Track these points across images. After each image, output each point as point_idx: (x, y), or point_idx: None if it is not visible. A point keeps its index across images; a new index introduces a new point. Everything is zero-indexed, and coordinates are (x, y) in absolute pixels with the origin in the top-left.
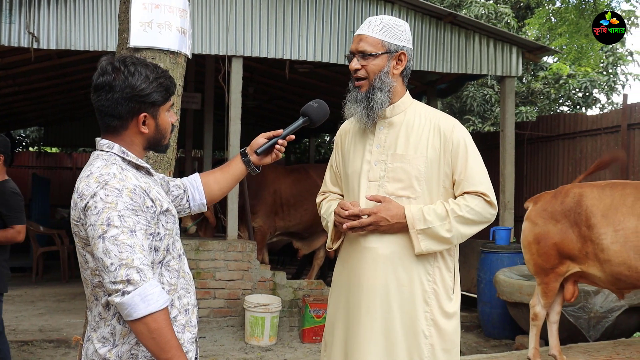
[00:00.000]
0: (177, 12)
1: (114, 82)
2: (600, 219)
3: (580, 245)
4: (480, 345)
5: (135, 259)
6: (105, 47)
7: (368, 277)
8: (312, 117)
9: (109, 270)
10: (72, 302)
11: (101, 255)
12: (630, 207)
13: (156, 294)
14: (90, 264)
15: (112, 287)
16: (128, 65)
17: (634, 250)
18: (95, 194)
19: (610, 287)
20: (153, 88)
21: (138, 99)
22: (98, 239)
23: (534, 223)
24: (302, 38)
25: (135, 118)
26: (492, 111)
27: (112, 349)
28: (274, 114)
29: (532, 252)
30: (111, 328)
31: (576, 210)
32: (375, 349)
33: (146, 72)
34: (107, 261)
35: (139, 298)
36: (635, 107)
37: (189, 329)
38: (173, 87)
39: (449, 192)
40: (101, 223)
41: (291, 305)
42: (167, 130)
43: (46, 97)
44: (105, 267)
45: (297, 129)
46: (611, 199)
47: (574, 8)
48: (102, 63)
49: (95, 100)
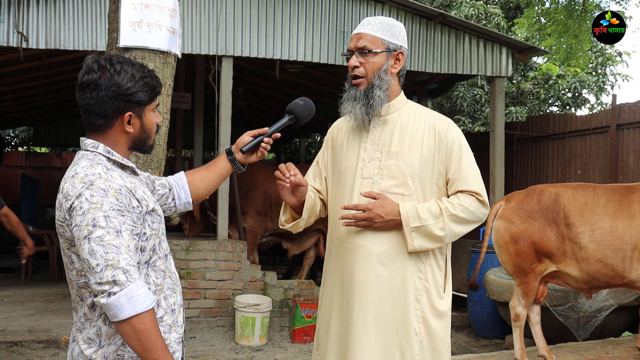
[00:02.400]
0: (167, 11)
1: (99, 81)
2: (578, 217)
3: (559, 244)
4: (470, 344)
5: (121, 259)
6: (94, 46)
7: (360, 275)
8: (297, 115)
9: (95, 271)
10: (62, 303)
11: (87, 256)
12: (603, 207)
13: (142, 295)
14: (76, 264)
15: (98, 288)
16: (114, 64)
17: (610, 249)
18: (81, 194)
19: (584, 286)
20: (139, 87)
21: (123, 97)
22: (84, 240)
23: (510, 222)
24: (292, 38)
25: (120, 117)
26: (482, 111)
27: (98, 349)
28: (264, 114)
29: (510, 252)
30: (97, 329)
31: (554, 209)
32: (369, 346)
33: (132, 71)
34: (93, 262)
35: (125, 299)
36: (624, 108)
37: (175, 329)
38: (159, 86)
39: (442, 190)
40: (87, 224)
41: (281, 305)
42: (152, 131)
43: (35, 97)
44: (91, 268)
45: (282, 127)
46: (585, 198)
47: (563, 9)
48: (88, 61)
49: (80, 99)
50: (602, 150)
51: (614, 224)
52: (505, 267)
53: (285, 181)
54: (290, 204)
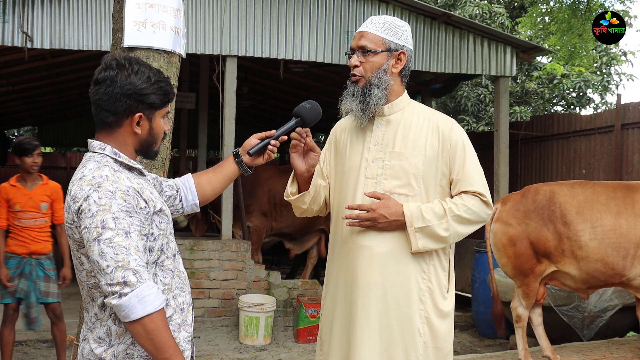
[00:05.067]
0: (171, 11)
1: (116, 78)
2: (576, 215)
3: (557, 243)
4: (474, 344)
5: (131, 260)
6: (99, 46)
7: (364, 275)
8: (304, 118)
9: (105, 272)
10: (67, 302)
11: (97, 257)
12: (604, 205)
13: (153, 295)
14: (86, 265)
15: (109, 290)
16: (133, 64)
17: (611, 247)
18: (89, 196)
19: (582, 286)
20: (153, 90)
21: (136, 97)
22: (93, 242)
23: (507, 224)
24: (296, 38)
25: (130, 117)
26: (486, 111)
27: (108, 348)
28: (268, 113)
29: (509, 255)
30: (107, 328)
31: (550, 208)
32: (373, 347)
33: (149, 73)
34: (103, 264)
35: (136, 300)
36: (628, 107)
37: (184, 327)
38: (172, 94)
39: (445, 191)
40: (96, 226)
41: (285, 305)
42: (159, 136)
43: (40, 97)
44: (101, 269)
45: (289, 130)
46: (584, 195)
47: (567, 8)
48: (107, 59)
49: (93, 93)
50: (606, 150)
51: (617, 222)
52: (505, 269)
53: (300, 140)
54: (299, 171)
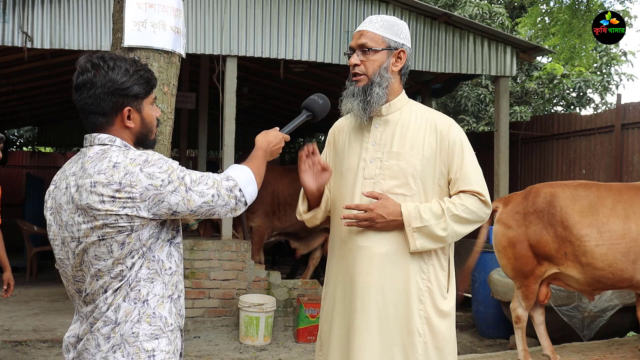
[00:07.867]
0: (171, 11)
1: (94, 79)
2: (579, 220)
3: (557, 246)
4: (474, 344)
5: (215, 176)
6: (99, 46)
7: (363, 276)
8: (315, 113)
9: (214, 199)
10: (66, 302)
11: (199, 201)
12: (611, 209)
13: (241, 173)
14: (115, 253)
15: (238, 204)
16: (107, 61)
17: (621, 253)
18: (149, 173)
19: (587, 288)
20: (134, 81)
21: (120, 92)
22: (186, 193)
23: (507, 226)
24: (296, 38)
25: (119, 113)
26: (486, 111)
27: (115, 327)
28: (268, 113)
29: (509, 257)
30: (115, 306)
31: (549, 211)
32: (371, 346)
33: (125, 65)
34: (211, 199)
35: (245, 183)
36: (628, 107)
37: (182, 313)
38: (154, 79)
39: (443, 190)
40: (178, 183)
41: (286, 305)
42: (152, 124)
43: (40, 97)
44: (207, 202)
45: (299, 125)
46: (587, 199)
47: (567, 8)
48: (81, 62)
49: (77, 100)
50: (607, 150)
51: (627, 226)
52: (505, 270)
53: (313, 160)
54: (310, 190)
